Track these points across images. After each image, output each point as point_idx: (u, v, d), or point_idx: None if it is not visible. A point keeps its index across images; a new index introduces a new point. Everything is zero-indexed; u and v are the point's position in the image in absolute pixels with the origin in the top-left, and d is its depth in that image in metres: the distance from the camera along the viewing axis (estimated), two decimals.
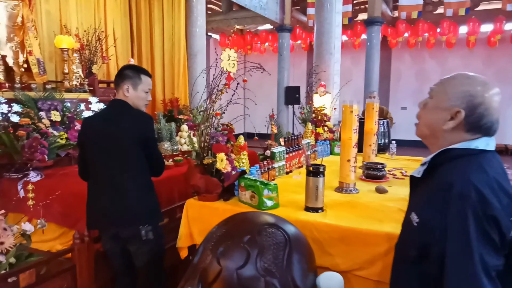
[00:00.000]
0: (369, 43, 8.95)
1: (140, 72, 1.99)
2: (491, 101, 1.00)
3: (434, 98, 1.09)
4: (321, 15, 4.97)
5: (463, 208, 0.91)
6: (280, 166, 2.46)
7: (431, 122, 1.08)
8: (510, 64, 9.92)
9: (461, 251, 0.91)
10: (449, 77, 1.09)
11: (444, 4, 7.98)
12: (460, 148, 1.02)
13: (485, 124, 1.01)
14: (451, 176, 0.98)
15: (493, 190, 0.93)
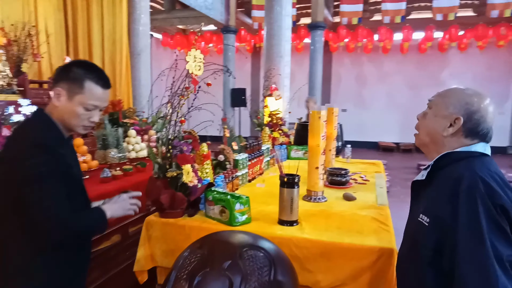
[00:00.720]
0: (313, 47, 9.14)
1: (88, 76, 1.28)
2: (486, 109, 1.08)
3: (434, 108, 1.16)
4: (271, 17, 4.92)
5: (473, 198, 0.95)
6: (243, 174, 2.32)
7: (431, 129, 1.15)
8: (438, 69, 10.73)
9: (473, 238, 0.93)
10: (446, 90, 1.17)
11: (382, 12, 8.39)
12: (462, 151, 1.09)
13: (481, 131, 1.08)
14: (457, 173, 1.03)
15: (497, 183, 0.98)
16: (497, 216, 0.92)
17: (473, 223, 0.93)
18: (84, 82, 1.27)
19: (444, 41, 9.45)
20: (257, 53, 12.07)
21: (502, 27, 8.69)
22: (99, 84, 1.30)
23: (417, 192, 1.20)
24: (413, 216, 1.15)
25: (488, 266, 0.89)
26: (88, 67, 1.31)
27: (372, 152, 10.42)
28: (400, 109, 11.15)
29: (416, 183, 1.20)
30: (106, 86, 1.33)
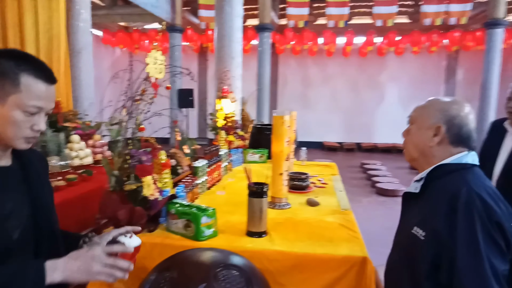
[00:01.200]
0: (261, 48, 9.17)
1: (23, 68, 0.94)
2: (464, 113, 1.12)
3: (415, 122, 1.20)
4: (221, 17, 4.81)
5: (471, 215, 0.97)
6: (202, 182, 2.21)
7: (418, 143, 1.17)
8: (378, 72, 11.31)
9: (472, 255, 0.95)
10: (423, 104, 1.21)
11: (327, 16, 8.64)
12: (454, 163, 1.11)
13: (465, 134, 1.11)
14: (454, 187, 1.04)
15: (492, 198, 1.01)
16: (493, 233, 0.96)
17: (471, 239, 0.95)
18: (19, 76, 0.92)
19: (383, 46, 9.97)
20: (204, 53, 11.87)
21: (434, 34, 9.36)
22: (41, 78, 0.95)
23: (408, 203, 1.22)
24: (405, 227, 1.17)
25: (487, 281, 0.93)
26: (21, 57, 0.95)
27: (318, 152, 10.70)
28: (343, 110, 11.59)
29: (407, 194, 1.21)
30: (50, 80, 0.98)
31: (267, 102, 9.38)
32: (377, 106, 11.50)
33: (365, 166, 8.20)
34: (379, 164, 8.47)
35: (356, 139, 11.52)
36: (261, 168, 3.04)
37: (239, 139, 3.42)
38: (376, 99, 11.46)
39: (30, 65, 0.95)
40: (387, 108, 11.40)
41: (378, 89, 11.41)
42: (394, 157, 10.06)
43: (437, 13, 8.39)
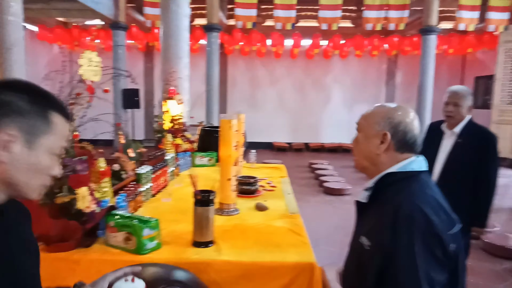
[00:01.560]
0: (209, 49, 9.04)
1: (51, 103, 0.81)
2: (409, 119, 1.15)
3: (362, 131, 1.21)
4: (167, 17, 4.66)
5: (409, 228, 0.99)
6: (147, 189, 2.10)
7: (366, 151, 1.18)
8: (324, 74, 11.65)
9: (408, 268, 0.98)
10: (368, 111, 1.21)
11: (274, 18, 8.71)
12: (400, 171, 1.11)
13: (410, 139, 1.13)
14: (397, 199, 1.05)
15: (434, 209, 1.02)
16: (431, 246, 0.99)
17: (410, 253, 0.98)
18: (49, 114, 0.78)
19: (328, 49, 10.28)
20: (150, 52, 11.49)
21: (375, 38, 9.82)
22: (65, 115, 0.83)
23: (360, 211, 1.23)
24: (356, 235, 1.19)
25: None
26: (38, 90, 0.80)
27: (268, 152, 10.80)
28: (291, 111, 11.81)
29: (358, 202, 1.22)
30: (69, 117, 0.86)
31: (217, 103, 9.27)
32: (323, 107, 11.85)
33: (313, 166, 8.40)
34: (326, 164, 8.71)
35: (304, 139, 11.78)
36: (210, 171, 2.97)
37: (187, 142, 3.32)
38: (322, 100, 11.80)
39: (55, 101, 0.81)
40: (332, 109, 11.78)
41: (324, 91, 11.76)
42: (340, 157, 10.42)
43: (377, 19, 8.79)
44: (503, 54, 8.91)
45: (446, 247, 1.00)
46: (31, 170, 0.77)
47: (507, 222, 4.91)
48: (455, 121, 2.42)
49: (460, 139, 2.39)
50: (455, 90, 2.43)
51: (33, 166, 0.77)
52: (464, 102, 2.38)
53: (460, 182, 2.34)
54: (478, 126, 2.40)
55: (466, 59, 11.27)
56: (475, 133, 2.37)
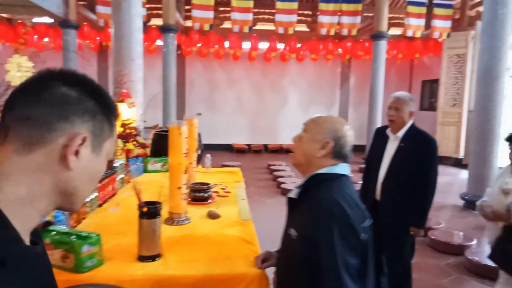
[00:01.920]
0: (166, 50, 8.83)
1: (111, 104, 0.69)
2: (348, 135, 1.31)
3: (309, 132, 1.33)
4: (119, 16, 4.47)
5: (328, 220, 1.15)
6: (92, 199, 1.97)
7: (307, 151, 1.31)
8: (280, 77, 11.78)
9: (328, 253, 1.12)
10: (319, 117, 1.36)
11: (231, 21, 8.68)
12: (326, 173, 1.27)
13: (345, 153, 1.30)
14: (320, 195, 1.21)
15: (349, 204, 1.18)
16: (346, 233, 1.14)
17: (329, 240, 1.13)
18: (112, 116, 0.68)
19: (285, 52, 10.40)
20: (104, 52, 11.03)
21: (329, 43, 10.07)
22: (116, 115, 0.73)
23: (291, 206, 1.34)
24: (285, 228, 1.32)
25: (340, 276, 1.10)
26: (99, 91, 0.68)
27: (227, 154, 10.74)
28: (249, 113, 11.83)
29: (290, 198, 1.33)
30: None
31: (174, 105, 9.07)
32: (280, 108, 11.98)
33: (272, 167, 8.46)
34: (284, 165, 8.80)
35: (263, 140, 11.84)
36: (164, 178, 2.87)
37: (139, 147, 3.19)
38: (279, 102, 11.93)
39: (112, 100, 0.70)
40: (289, 110, 11.94)
41: (281, 93, 11.89)
42: None
43: (331, 24, 9.03)
44: (446, 60, 9.48)
45: (358, 236, 1.15)
46: (91, 178, 0.67)
47: (451, 219, 5.19)
48: (397, 126, 2.51)
49: (402, 143, 2.49)
50: (397, 96, 2.54)
51: (94, 173, 0.67)
52: (405, 107, 2.48)
53: (402, 184, 2.44)
54: (419, 131, 2.51)
55: (414, 64, 11.86)
56: (416, 137, 2.47)
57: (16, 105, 0.59)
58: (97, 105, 0.64)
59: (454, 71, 9.40)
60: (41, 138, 0.58)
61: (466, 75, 9.07)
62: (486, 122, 5.22)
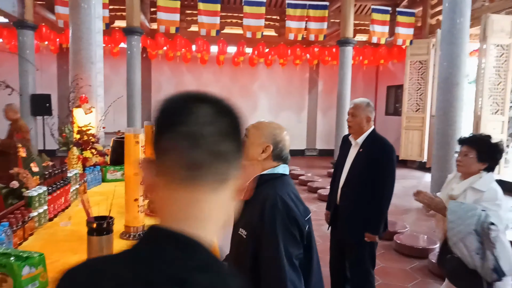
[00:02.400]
0: (130, 52, 8.59)
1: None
2: (285, 139, 1.44)
3: (250, 137, 1.42)
4: (77, 18, 4.28)
5: (273, 214, 1.26)
6: (40, 213, 1.84)
7: (249, 155, 1.39)
8: (250, 81, 11.78)
9: (271, 244, 1.23)
10: (258, 122, 1.47)
11: (198, 24, 8.57)
12: (269, 173, 1.40)
13: (284, 155, 1.43)
14: (265, 193, 1.32)
15: (292, 200, 1.31)
16: (289, 226, 1.25)
17: (273, 232, 1.23)
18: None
19: (253, 57, 10.41)
20: (64, 55, 10.56)
21: (298, 48, 10.18)
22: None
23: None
24: (235, 230, 1.38)
25: (280, 265, 1.20)
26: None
27: None
28: None
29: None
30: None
31: (139, 109, 8.82)
32: (250, 113, 11.95)
33: None
34: None
35: None
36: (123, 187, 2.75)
37: (97, 155, 3.05)
38: (249, 107, 11.90)
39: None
40: (259, 115, 11.93)
41: (251, 98, 11.88)
42: None
43: (299, 29, 9.12)
44: (410, 66, 9.82)
45: (302, 228, 1.27)
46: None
47: (416, 222, 5.33)
48: (354, 131, 2.54)
49: (361, 148, 2.51)
50: (354, 102, 2.57)
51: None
52: (361, 112, 2.50)
53: (359, 190, 2.45)
54: (378, 138, 2.53)
55: (379, 70, 12.21)
56: (374, 144, 2.49)
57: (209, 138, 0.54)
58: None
59: (417, 77, 9.75)
60: (230, 173, 0.56)
61: (428, 81, 9.43)
62: (448, 127, 5.41)
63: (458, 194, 2.06)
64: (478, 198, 1.97)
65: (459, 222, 1.89)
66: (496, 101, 7.24)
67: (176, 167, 0.53)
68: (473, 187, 2.02)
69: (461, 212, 1.90)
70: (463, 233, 1.88)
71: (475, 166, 2.05)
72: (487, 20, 6.76)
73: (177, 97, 0.61)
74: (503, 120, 7.33)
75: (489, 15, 6.79)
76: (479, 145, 2.06)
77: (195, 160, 0.52)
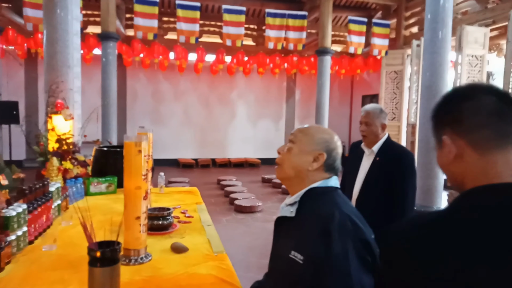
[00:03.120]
0: (105, 59, 8.16)
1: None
2: (339, 146, 1.24)
3: (298, 143, 1.22)
4: (52, 19, 3.92)
5: (342, 236, 1.02)
6: (19, 236, 1.53)
7: (297, 164, 1.20)
8: (229, 90, 11.56)
9: (340, 274, 0.99)
10: (307, 127, 1.26)
11: (177, 31, 8.29)
12: (321, 186, 1.18)
13: (337, 165, 1.22)
14: (327, 210, 1.08)
15: (358, 218, 1.09)
16: (362, 251, 1.02)
17: (343, 259, 0.99)
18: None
19: (232, 65, 10.22)
20: (33, 60, 9.99)
21: (277, 57, 10.09)
22: None
23: (281, 227, 1.21)
24: (281, 253, 1.13)
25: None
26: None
27: (173, 170, 10.19)
28: (196, 126, 11.42)
29: (281, 218, 1.20)
30: None
31: (115, 118, 8.38)
32: (229, 122, 11.72)
33: (222, 183, 8.12)
34: (234, 180, 8.51)
35: (210, 155, 11.46)
36: (110, 201, 2.46)
37: (78, 166, 2.73)
38: (227, 116, 11.69)
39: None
40: (238, 124, 11.74)
41: (229, 106, 11.66)
42: (246, 171, 10.36)
43: (278, 38, 9.03)
44: (385, 76, 9.94)
45: (374, 252, 1.05)
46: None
47: None
48: (369, 140, 2.38)
49: (377, 157, 2.34)
50: (366, 109, 2.39)
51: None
52: (375, 120, 2.34)
53: (378, 200, 2.27)
54: (395, 145, 2.39)
55: (354, 80, 12.34)
56: (392, 151, 2.33)
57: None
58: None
59: (392, 86, 9.88)
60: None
61: (403, 90, 9.57)
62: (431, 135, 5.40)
63: None
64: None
65: None
66: None
67: (491, 139, 0.71)
68: None
69: None
70: None
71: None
72: (462, 31, 6.91)
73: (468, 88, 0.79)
74: None
75: (464, 27, 6.94)
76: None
77: (505, 130, 0.71)
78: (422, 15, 9.29)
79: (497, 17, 7.10)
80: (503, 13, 6.90)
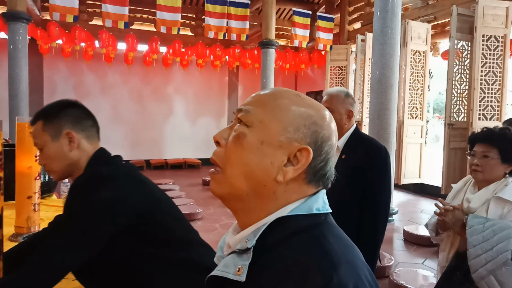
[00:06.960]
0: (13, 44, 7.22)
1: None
2: (333, 133, 0.67)
3: (257, 127, 0.64)
4: None
5: None
6: None
7: (255, 169, 0.63)
8: (164, 83, 11.01)
9: None
10: (274, 92, 0.67)
11: (103, 14, 7.61)
12: (300, 215, 0.63)
13: (328, 170, 0.67)
14: (313, 273, 0.55)
15: (369, 271, 0.62)
16: None
17: None
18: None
19: (168, 56, 9.73)
20: None
21: (218, 47, 9.79)
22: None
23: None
24: None
25: None
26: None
27: None
28: (127, 124, 10.70)
29: (218, 279, 0.63)
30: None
31: (26, 113, 7.46)
32: (164, 119, 11.16)
33: (159, 186, 7.59)
34: (171, 184, 8.04)
35: (144, 155, 10.81)
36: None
37: None
38: (164, 113, 11.12)
39: None
40: (175, 122, 11.23)
41: (165, 102, 11.11)
42: (185, 174, 9.91)
43: (219, 27, 8.74)
44: (330, 72, 10.11)
45: None
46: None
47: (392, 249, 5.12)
48: None
49: (343, 155, 1.97)
50: (329, 92, 2.04)
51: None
52: (340, 106, 1.97)
53: (346, 209, 1.83)
54: (364, 138, 2.04)
55: (299, 75, 12.45)
56: (360, 146, 1.97)
57: None
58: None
59: (337, 82, 10.07)
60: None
61: (348, 86, 9.79)
62: (382, 130, 5.43)
63: (477, 207, 1.67)
64: (506, 212, 1.59)
65: (486, 247, 1.46)
66: (415, 106, 7.71)
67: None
68: (498, 197, 1.62)
69: (487, 232, 1.48)
70: (495, 263, 1.43)
71: (498, 169, 1.66)
72: (407, 26, 7.17)
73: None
74: (422, 124, 7.82)
75: (408, 21, 7.21)
76: (502, 142, 1.65)
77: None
78: (365, 10, 9.60)
79: (438, 13, 7.49)
80: (443, 9, 7.30)
